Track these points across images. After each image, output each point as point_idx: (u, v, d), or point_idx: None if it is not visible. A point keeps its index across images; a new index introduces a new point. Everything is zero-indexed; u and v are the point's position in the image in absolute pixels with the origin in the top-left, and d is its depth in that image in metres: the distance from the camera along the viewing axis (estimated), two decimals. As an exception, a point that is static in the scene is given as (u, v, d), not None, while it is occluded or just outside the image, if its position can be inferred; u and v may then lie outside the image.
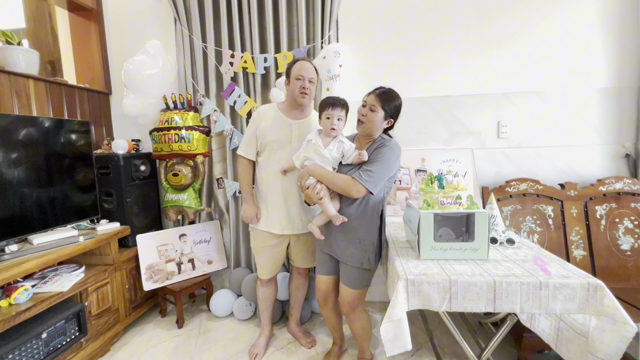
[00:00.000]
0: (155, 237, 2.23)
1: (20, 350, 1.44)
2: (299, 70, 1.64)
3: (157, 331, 2.16)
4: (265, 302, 1.94)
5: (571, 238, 2.01)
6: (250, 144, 1.76)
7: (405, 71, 2.28)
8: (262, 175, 1.78)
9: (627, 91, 2.13)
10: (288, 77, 1.70)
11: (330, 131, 1.46)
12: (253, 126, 1.75)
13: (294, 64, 1.69)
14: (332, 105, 1.45)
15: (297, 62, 1.68)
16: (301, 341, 1.98)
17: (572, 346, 1.17)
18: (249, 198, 1.80)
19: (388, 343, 1.16)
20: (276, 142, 1.70)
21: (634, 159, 2.13)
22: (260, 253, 1.84)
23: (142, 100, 2.17)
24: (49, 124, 1.82)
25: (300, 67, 1.65)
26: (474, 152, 2.21)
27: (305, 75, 1.64)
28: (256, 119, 1.75)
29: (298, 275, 1.96)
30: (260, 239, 1.82)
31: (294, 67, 1.67)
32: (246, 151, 1.78)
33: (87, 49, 2.48)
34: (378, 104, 1.42)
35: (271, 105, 1.79)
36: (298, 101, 1.68)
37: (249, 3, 2.22)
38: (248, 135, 1.77)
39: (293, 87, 1.66)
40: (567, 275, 1.13)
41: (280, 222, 1.76)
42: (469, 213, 1.31)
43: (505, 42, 2.18)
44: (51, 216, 1.81)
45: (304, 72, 1.64)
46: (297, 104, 1.70)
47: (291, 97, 1.70)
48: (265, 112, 1.75)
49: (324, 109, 1.48)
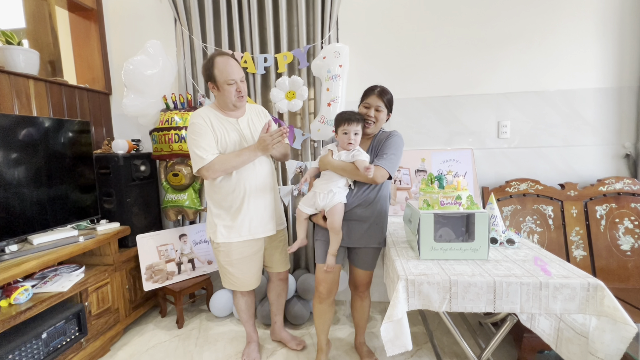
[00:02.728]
0: (155, 237, 2.23)
1: (20, 350, 1.44)
2: (227, 73, 1.50)
3: (157, 331, 2.16)
4: (249, 310, 1.82)
5: (571, 238, 2.01)
6: (212, 148, 1.54)
7: (406, 71, 2.28)
8: (231, 183, 1.59)
9: (627, 91, 2.13)
10: (213, 82, 1.54)
11: (348, 145, 1.49)
12: (206, 129, 1.54)
13: (212, 64, 1.52)
14: (349, 120, 1.48)
15: (218, 62, 1.51)
16: (290, 344, 1.92)
17: (572, 346, 1.17)
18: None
19: (388, 343, 1.16)
20: (236, 144, 1.59)
21: (634, 159, 2.13)
22: (239, 265, 1.68)
23: (142, 100, 2.17)
24: (49, 124, 1.82)
25: (227, 70, 1.51)
26: (474, 152, 2.21)
27: (236, 78, 1.53)
28: (205, 124, 1.54)
29: (279, 282, 1.88)
30: (237, 251, 1.65)
31: (216, 70, 1.51)
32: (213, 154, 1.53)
33: (87, 49, 2.48)
34: (382, 104, 1.52)
35: (208, 109, 1.61)
36: (237, 105, 1.59)
37: (249, 3, 2.22)
38: (207, 140, 1.53)
39: (227, 93, 1.54)
40: (567, 276, 1.13)
41: (263, 224, 1.67)
42: (469, 213, 1.31)
43: (505, 42, 2.18)
44: (51, 216, 1.81)
45: (234, 75, 1.52)
46: (235, 107, 1.61)
47: (226, 103, 1.57)
48: (209, 116, 1.57)
49: (340, 124, 1.50)
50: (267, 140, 1.51)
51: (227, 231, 1.63)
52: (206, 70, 1.55)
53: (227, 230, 1.63)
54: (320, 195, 1.50)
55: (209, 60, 1.55)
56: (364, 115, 1.53)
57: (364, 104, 1.55)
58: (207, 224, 1.73)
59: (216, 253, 1.71)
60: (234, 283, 1.72)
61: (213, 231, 1.66)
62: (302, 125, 2.36)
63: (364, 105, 1.55)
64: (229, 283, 1.74)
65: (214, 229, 1.65)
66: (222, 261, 1.70)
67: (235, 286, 1.73)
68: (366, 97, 1.55)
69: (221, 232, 1.63)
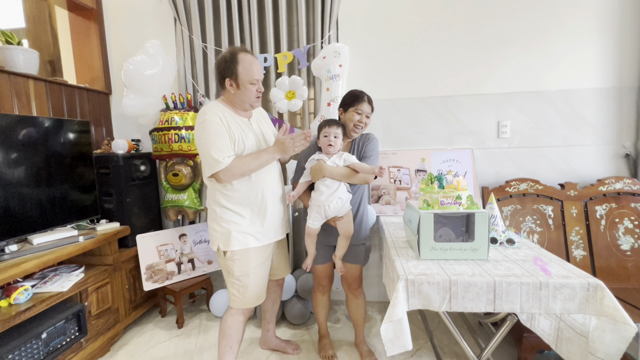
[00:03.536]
0: (155, 237, 2.23)
1: (20, 350, 1.43)
2: (252, 73, 1.43)
3: (157, 331, 2.16)
4: (238, 335, 1.58)
5: (571, 238, 2.01)
6: (228, 150, 1.42)
7: (406, 71, 2.28)
8: (250, 184, 1.49)
9: (627, 91, 2.13)
10: (234, 79, 1.42)
11: (328, 147, 1.54)
12: (221, 128, 1.41)
13: (236, 60, 1.41)
14: (329, 124, 1.55)
15: (243, 59, 1.42)
16: (287, 350, 1.88)
17: (572, 346, 1.17)
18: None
19: (388, 343, 1.16)
20: (253, 147, 1.50)
21: (634, 159, 2.13)
22: (256, 273, 1.54)
23: (142, 100, 2.17)
24: (49, 124, 1.82)
25: (254, 69, 1.43)
26: (474, 152, 2.21)
27: (260, 77, 1.46)
28: (221, 122, 1.42)
29: (277, 287, 1.83)
30: (255, 258, 1.52)
31: (241, 67, 1.41)
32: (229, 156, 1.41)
33: (87, 49, 2.48)
34: (370, 110, 1.64)
35: (220, 106, 1.47)
36: (254, 106, 1.53)
37: (249, 3, 2.22)
38: (223, 141, 1.40)
39: (248, 93, 1.45)
40: (567, 276, 1.13)
41: (276, 227, 1.59)
42: (469, 213, 1.31)
43: (505, 42, 2.18)
44: (51, 216, 1.81)
45: (259, 75, 1.46)
46: (251, 108, 1.53)
47: (244, 102, 1.48)
48: (224, 114, 1.45)
49: (321, 128, 1.57)
50: (288, 143, 1.45)
51: (243, 237, 1.48)
52: (226, 65, 1.41)
53: (243, 236, 1.48)
54: (330, 206, 1.52)
55: (231, 55, 1.42)
56: (356, 122, 1.60)
57: (355, 110, 1.60)
58: (215, 234, 1.52)
59: (229, 265, 1.50)
60: (248, 298, 1.53)
61: (225, 239, 1.48)
62: (302, 125, 2.36)
63: (356, 111, 1.60)
64: (241, 299, 1.53)
65: (225, 236, 1.48)
66: (237, 273, 1.50)
67: (248, 302, 1.54)
68: (357, 103, 1.61)
69: (237, 238, 1.47)
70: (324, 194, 1.52)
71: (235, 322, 1.55)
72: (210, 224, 1.56)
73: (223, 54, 1.46)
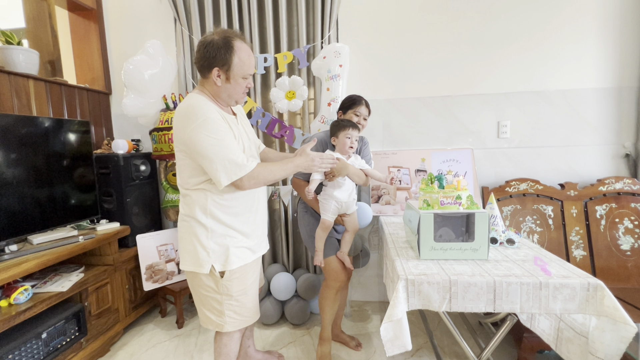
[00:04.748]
0: (155, 237, 2.23)
1: (20, 350, 1.44)
2: (248, 66, 1.25)
3: (157, 331, 2.16)
4: (235, 351, 1.44)
5: (571, 238, 2.01)
6: (241, 152, 1.26)
7: (405, 71, 2.28)
8: (252, 192, 1.34)
9: (627, 91, 2.13)
10: (225, 70, 1.22)
11: (349, 149, 1.59)
12: (226, 127, 1.25)
13: (231, 48, 1.20)
14: (352, 126, 1.59)
15: (240, 48, 1.22)
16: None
17: (572, 346, 1.17)
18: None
19: (388, 343, 1.16)
20: (246, 149, 1.33)
21: (633, 159, 2.13)
22: (252, 289, 1.40)
23: (142, 100, 2.17)
24: (49, 124, 1.82)
25: (250, 62, 1.26)
26: (474, 152, 2.21)
27: (252, 72, 1.29)
28: (221, 119, 1.23)
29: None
30: (251, 272, 1.39)
31: (236, 57, 1.21)
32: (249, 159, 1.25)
33: (87, 49, 2.48)
34: (368, 113, 1.72)
35: (206, 101, 1.24)
36: (239, 102, 1.34)
37: (249, 3, 2.22)
38: (233, 142, 1.24)
39: (238, 87, 1.26)
40: (567, 276, 1.13)
41: (265, 235, 1.49)
42: (469, 213, 1.31)
43: (505, 42, 2.18)
44: (51, 216, 1.81)
45: (252, 70, 1.28)
46: (235, 104, 1.35)
47: (230, 97, 1.29)
48: (217, 110, 1.26)
49: (344, 128, 1.58)
50: (318, 162, 1.34)
51: (241, 252, 1.32)
52: (218, 52, 1.20)
53: (242, 251, 1.33)
54: (346, 204, 1.61)
55: (225, 41, 1.20)
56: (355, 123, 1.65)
57: (354, 112, 1.68)
58: (202, 253, 1.26)
59: (226, 286, 1.30)
60: (246, 316, 1.38)
61: (222, 258, 1.28)
62: (302, 125, 2.36)
63: (354, 113, 1.68)
64: (239, 320, 1.36)
65: (222, 255, 1.28)
66: (235, 293, 1.32)
67: (246, 320, 1.38)
68: (356, 106, 1.68)
69: (236, 255, 1.30)
70: (346, 191, 1.60)
71: (231, 339, 1.39)
72: (191, 242, 1.27)
73: (212, 38, 1.21)
